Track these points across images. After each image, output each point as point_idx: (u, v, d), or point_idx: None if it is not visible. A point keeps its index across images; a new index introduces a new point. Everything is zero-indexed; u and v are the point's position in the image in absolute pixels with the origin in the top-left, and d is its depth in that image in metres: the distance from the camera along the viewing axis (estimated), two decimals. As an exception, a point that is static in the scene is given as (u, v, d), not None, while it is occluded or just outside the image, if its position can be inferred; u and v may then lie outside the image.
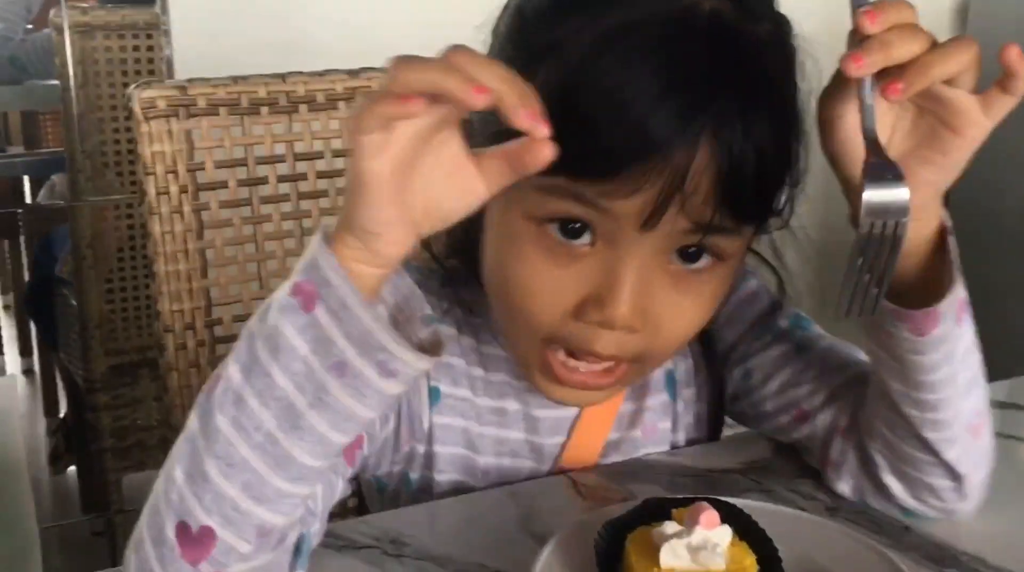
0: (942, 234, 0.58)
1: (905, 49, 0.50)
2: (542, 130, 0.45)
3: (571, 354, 0.62)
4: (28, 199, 2.87)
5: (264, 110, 0.98)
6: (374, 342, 0.48)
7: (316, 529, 0.58)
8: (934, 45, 0.51)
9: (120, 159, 1.96)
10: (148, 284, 0.97)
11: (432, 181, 0.48)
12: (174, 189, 0.94)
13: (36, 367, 2.87)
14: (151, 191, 0.93)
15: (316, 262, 0.48)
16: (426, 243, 0.68)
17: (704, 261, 0.60)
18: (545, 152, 0.46)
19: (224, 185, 0.97)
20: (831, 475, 0.70)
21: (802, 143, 0.60)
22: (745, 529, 0.57)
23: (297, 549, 0.55)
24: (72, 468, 2.44)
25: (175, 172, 0.94)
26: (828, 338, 0.76)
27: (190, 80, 0.94)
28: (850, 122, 0.54)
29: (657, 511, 0.58)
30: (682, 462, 0.75)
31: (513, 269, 0.61)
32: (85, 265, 1.96)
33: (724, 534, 0.54)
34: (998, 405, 0.88)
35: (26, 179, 2.83)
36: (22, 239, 2.73)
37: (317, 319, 0.48)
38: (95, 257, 1.96)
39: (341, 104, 1.02)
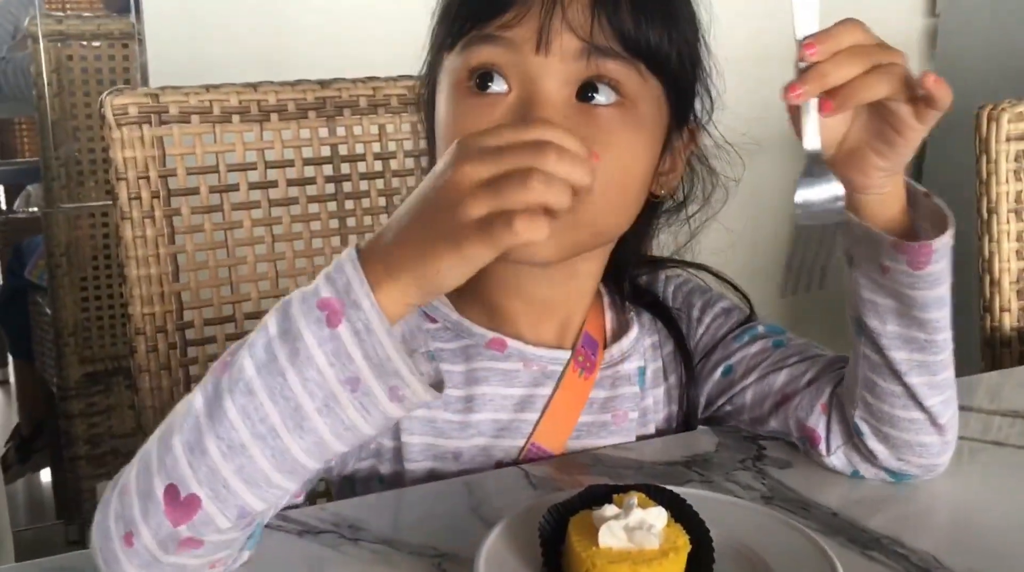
0: (913, 202, 0.66)
1: (839, 75, 0.57)
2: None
3: None
4: (3, 208, 2.87)
5: (236, 118, 1.01)
6: (390, 368, 0.52)
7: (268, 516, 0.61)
8: (876, 67, 0.57)
9: (95, 168, 1.98)
10: (123, 292, 0.99)
11: None
12: (145, 194, 0.97)
13: (11, 378, 2.87)
14: (123, 196, 0.96)
15: (349, 284, 0.52)
16: None
17: (604, 96, 0.68)
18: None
19: (195, 191, 1.00)
20: (821, 451, 0.76)
21: None
22: (681, 513, 0.60)
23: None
24: (46, 476, 2.44)
25: (147, 178, 0.97)
26: (801, 339, 0.83)
27: (162, 88, 0.97)
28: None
29: (600, 496, 0.61)
30: (631, 456, 0.78)
31: (448, 131, 0.70)
32: (60, 273, 1.97)
33: (659, 516, 0.58)
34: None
35: (1, 189, 2.83)
36: (-3, 249, 2.73)
37: (339, 335, 0.51)
38: (70, 265, 1.97)
39: (311, 113, 1.05)
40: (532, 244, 0.52)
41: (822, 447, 0.76)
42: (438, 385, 0.55)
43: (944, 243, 0.64)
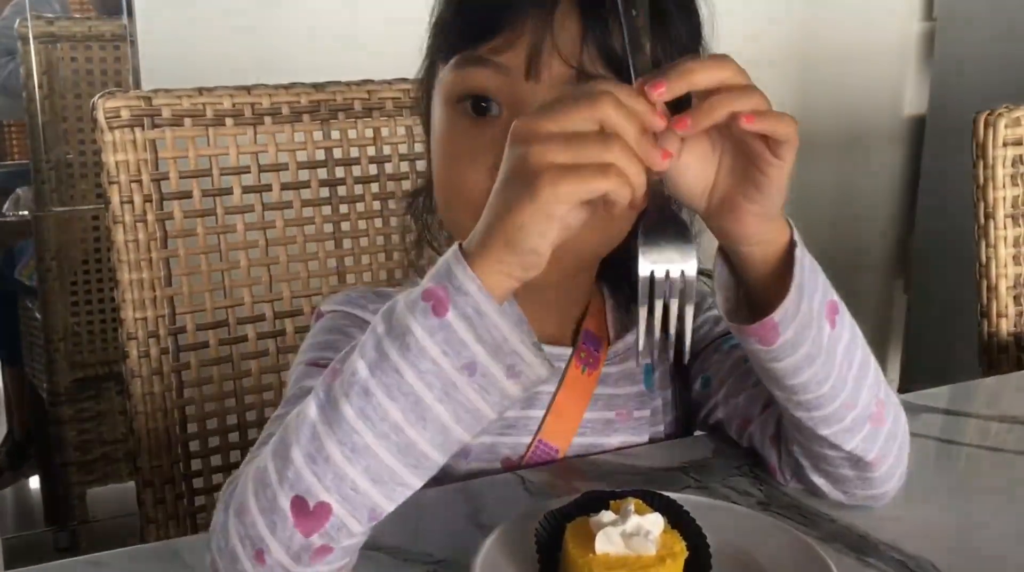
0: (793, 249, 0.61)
1: (709, 78, 0.54)
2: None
3: None
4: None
5: (229, 121, 1.00)
6: (507, 348, 0.53)
7: None
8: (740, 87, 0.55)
9: (86, 171, 1.97)
10: (114, 296, 0.98)
11: None
12: (138, 198, 0.96)
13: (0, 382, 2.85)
14: (115, 200, 0.95)
15: (451, 271, 0.53)
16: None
17: None
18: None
19: (188, 195, 0.99)
20: (780, 481, 0.76)
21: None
22: (678, 519, 0.60)
23: None
24: (35, 482, 2.43)
25: (139, 181, 0.96)
26: None
27: (155, 90, 0.96)
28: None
29: (596, 503, 0.61)
30: (627, 462, 0.78)
31: (442, 150, 0.71)
32: (50, 277, 1.96)
33: (656, 522, 0.57)
34: (937, 411, 0.92)
35: (-11, 191, 2.83)
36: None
37: (449, 323, 0.52)
38: (60, 269, 1.96)
39: (306, 116, 1.04)
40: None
41: (780, 478, 0.75)
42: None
43: (786, 310, 0.59)
